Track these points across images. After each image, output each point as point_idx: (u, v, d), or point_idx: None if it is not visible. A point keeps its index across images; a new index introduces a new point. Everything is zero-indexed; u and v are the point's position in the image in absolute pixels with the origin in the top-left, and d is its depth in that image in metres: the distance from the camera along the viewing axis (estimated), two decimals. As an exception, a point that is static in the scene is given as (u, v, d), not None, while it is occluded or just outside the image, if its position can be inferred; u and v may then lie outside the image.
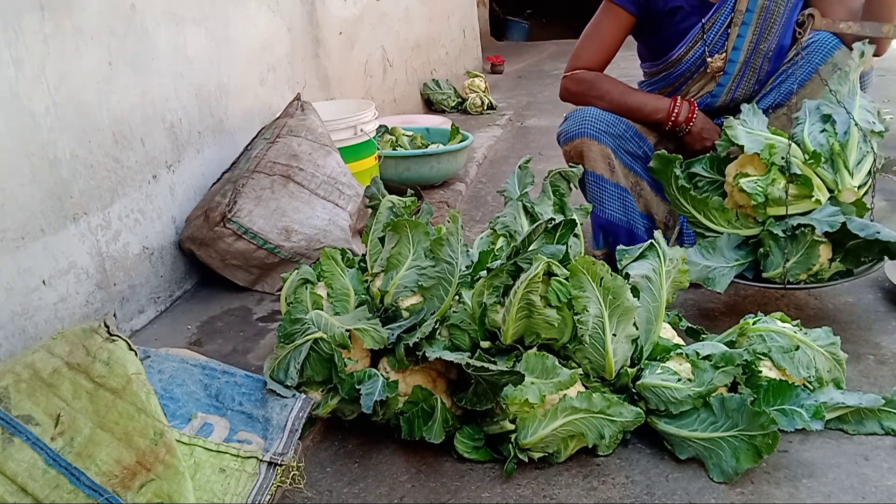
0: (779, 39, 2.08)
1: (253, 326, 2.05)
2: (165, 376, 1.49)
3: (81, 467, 1.19)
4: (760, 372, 1.51)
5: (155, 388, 1.34)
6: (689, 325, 1.77)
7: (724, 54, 2.11)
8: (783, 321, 1.66)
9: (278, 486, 1.36)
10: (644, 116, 2.15)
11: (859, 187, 1.80)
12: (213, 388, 1.51)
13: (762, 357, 1.53)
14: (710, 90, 2.17)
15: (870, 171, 1.82)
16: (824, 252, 1.81)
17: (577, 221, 1.74)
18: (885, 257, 1.78)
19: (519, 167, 2.01)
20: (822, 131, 1.84)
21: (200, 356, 1.61)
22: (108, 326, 1.37)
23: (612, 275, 1.46)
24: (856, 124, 1.79)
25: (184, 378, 1.50)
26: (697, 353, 1.52)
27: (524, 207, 1.91)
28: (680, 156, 1.95)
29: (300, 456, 1.42)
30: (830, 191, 1.82)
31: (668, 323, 1.71)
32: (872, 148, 1.80)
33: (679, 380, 1.47)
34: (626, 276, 1.58)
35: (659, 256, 1.61)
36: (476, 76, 5.44)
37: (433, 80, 5.23)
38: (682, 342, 1.64)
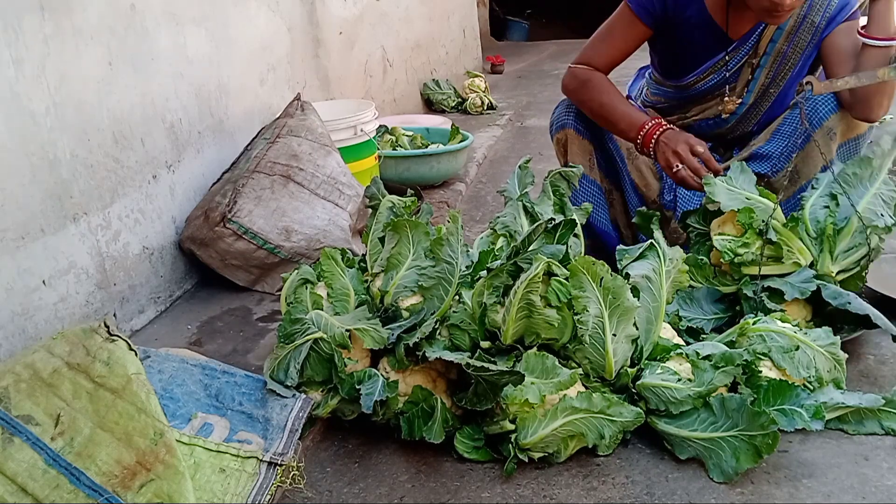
0: (787, 85, 2.07)
1: (253, 326, 2.05)
2: (165, 376, 1.49)
3: (81, 467, 1.19)
4: (760, 372, 1.51)
5: (155, 388, 1.34)
6: (689, 325, 1.78)
7: (736, 97, 2.09)
8: (783, 321, 1.66)
9: (278, 486, 1.36)
10: (619, 132, 2.09)
11: (839, 273, 1.78)
12: (213, 388, 1.51)
13: (762, 357, 1.53)
14: (710, 116, 2.14)
15: (858, 261, 1.78)
16: (801, 312, 1.78)
17: (578, 221, 1.74)
18: (862, 328, 1.74)
19: (519, 167, 2.01)
20: (825, 207, 1.81)
21: (200, 356, 1.61)
22: (108, 326, 1.37)
23: (612, 275, 1.46)
24: (857, 215, 1.75)
25: (184, 378, 1.50)
26: (697, 353, 1.52)
27: (524, 207, 1.91)
28: (657, 213, 1.95)
29: (300, 456, 1.42)
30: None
31: (668, 323, 1.71)
32: (868, 242, 1.74)
33: (679, 380, 1.47)
34: (626, 276, 1.57)
35: (659, 256, 1.61)
36: (476, 76, 5.43)
37: (433, 80, 5.23)
38: (682, 342, 1.64)
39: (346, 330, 1.53)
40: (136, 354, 1.36)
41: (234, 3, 2.63)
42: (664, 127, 1.96)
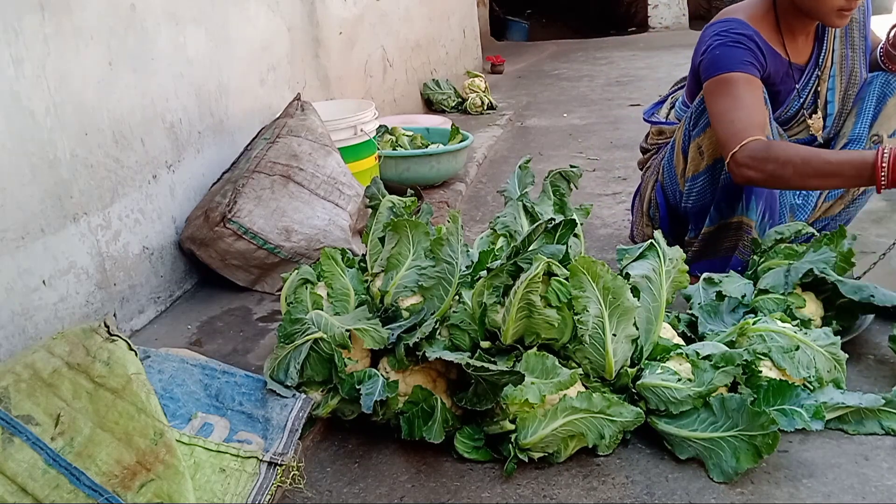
0: (861, 82, 2.09)
1: (253, 326, 2.05)
2: (165, 376, 1.49)
3: (81, 467, 1.19)
4: (760, 372, 1.51)
5: (155, 388, 1.34)
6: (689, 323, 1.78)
7: (819, 112, 2.09)
8: (783, 321, 1.66)
9: (278, 486, 1.36)
10: (842, 182, 1.75)
11: None
12: (213, 388, 1.51)
13: (762, 357, 1.53)
14: (802, 137, 2.12)
15: None
16: (813, 308, 1.79)
17: (578, 221, 1.74)
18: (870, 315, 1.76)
19: (519, 167, 2.01)
20: None
21: (200, 356, 1.61)
22: (108, 326, 1.37)
23: (612, 275, 1.46)
24: None
25: (184, 378, 1.50)
26: (697, 353, 1.52)
27: (524, 207, 1.91)
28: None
29: (300, 456, 1.42)
30: None
31: (668, 323, 1.71)
32: None
33: (679, 380, 1.47)
34: (627, 276, 1.57)
35: (659, 256, 1.61)
36: (476, 76, 5.43)
37: (433, 80, 5.23)
38: (682, 342, 1.64)
39: (346, 330, 1.53)
40: (136, 354, 1.36)
41: (234, 3, 2.63)
42: None
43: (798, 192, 2.11)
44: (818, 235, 1.87)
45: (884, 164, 1.62)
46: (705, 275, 1.90)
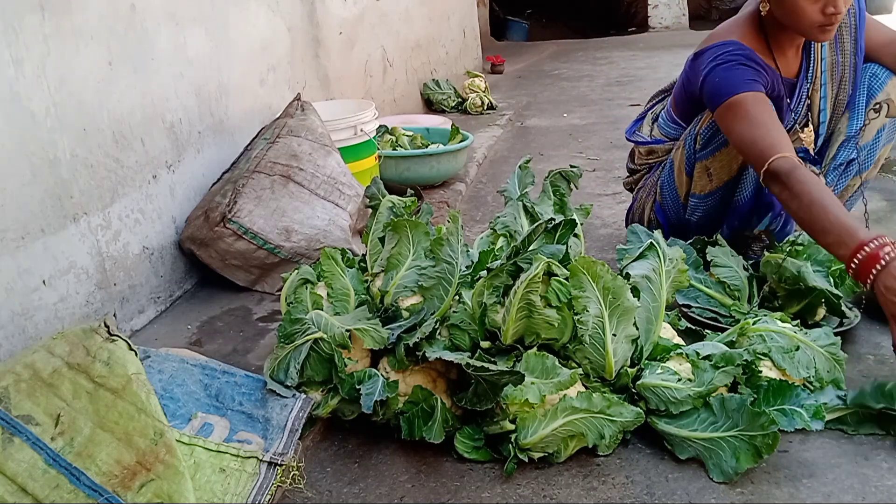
0: (853, 89, 2.09)
1: (253, 326, 2.05)
2: (165, 376, 1.49)
3: (81, 467, 1.19)
4: (760, 372, 1.51)
5: (155, 388, 1.34)
6: (689, 325, 1.78)
7: (811, 126, 2.10)
8: (783, 321, 1.66)
9: (278, 486, 1.36)
10: (824, 243, 1.63)
11: None
12: (213, 388, 1.51)
13: (762, 357, 1.53)
14: (798, 147, 2.10)
15: None
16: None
17: (578, 221, 1.74)
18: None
19: (519, 167, 2.01)
20: None
21: (200, 356, 1.61)
22: (108, 326, 1.37)
23: (612, 275, 1.46)
24: None
25: (184, 378, 1.50)
26: (697, 353, 1.52)
27: (524, 207, 1.91)
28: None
29: (300, 456, 1.42)
30: None
31: (668, 323, 1.71)
32: None
33: (679, 380, 1.47)
34: (627, 276, 1.58)
35: (659, 256, 1.61)
36: (476, 76, 5.43)
37: (433, 80, 5.23)
38: (682, 342, 1.64)
39: (346, 330, 1.53)
40: (136, 354, 1.36)
41: (234, 3, 2.63)
42: (893, 252, 1.48)
43: None
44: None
45: (859, 256, 1.50)
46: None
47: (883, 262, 1.46)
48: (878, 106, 2.04)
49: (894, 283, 1.44)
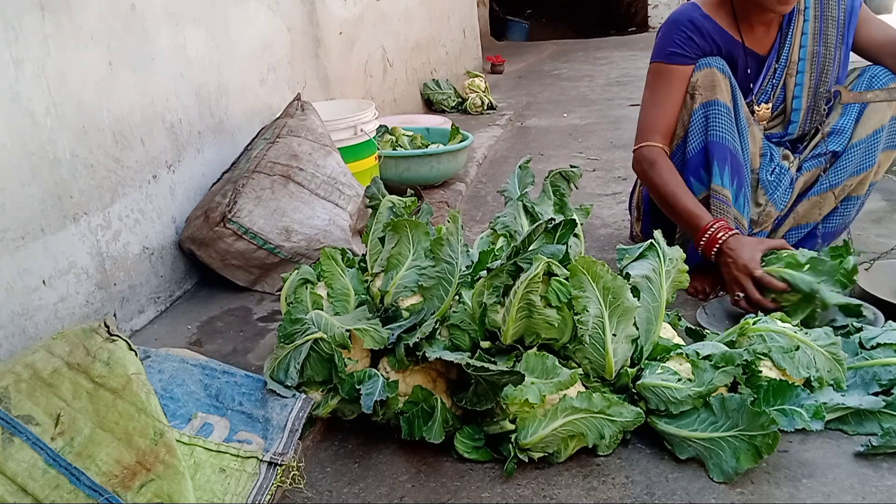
0: (834, 80, 2.11)
1: (253, 326, 2.05)
2: (165, 376, 1.49)
3: (81, 467, 1.19)
4: (760, 372, 1.51)
5: (155, 388, 1.34)
6: (689, 325, 1.77)
7: (769, 104, 2.12)
8: (783, 321, 1.66)
9: (278, 486, 1.36)
10: (681, 227, 2.08)
11: None
12: (213, 388, 1.51)
13: (762, 357, 1.53)
14: (775, 133, 2.16)
15: None
16: None
17: (578, 221, 1.74)
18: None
19: (519, 167, 2.01)
20: None
21: (200, 356, 1.61)
22: (108, 326, 1.37)
23: (612, 275, 1.46)
24: None
25: (184, 378, 1.50)
26: (697, 353, 1.52)
27: (524, 207, 1.91)
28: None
29: (300, 456, 1.42)
30: None
31: (668, 323, 1.71)
32: None
33: (679, 380, 1.47)
34: (627, 276, 1.58)
35: (659, 256, 1.61)
36: (476, 76, 5.43)
37: (433, 80, 5.23)
38: (682, 342, 1.64)
39: (346, 330, 1.53)
40: (136, 354, 1.36)
41: (234, 3, 2.63)
42: (729, 232, 1.91)
43: (770, 168, 2.12)
44: (825, 249, 1.87)
45: (704, 238, 1.92)
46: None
47: (720, 242, 1.90)
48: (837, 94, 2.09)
49: (727, 257, 1.88)
